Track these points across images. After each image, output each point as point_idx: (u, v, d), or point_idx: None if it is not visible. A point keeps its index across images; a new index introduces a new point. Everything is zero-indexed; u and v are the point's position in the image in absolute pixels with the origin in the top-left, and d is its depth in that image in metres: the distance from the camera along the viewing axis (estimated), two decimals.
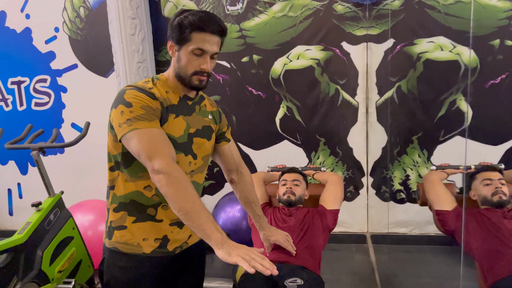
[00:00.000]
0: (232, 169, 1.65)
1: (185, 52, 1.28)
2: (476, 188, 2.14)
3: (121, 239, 1.32)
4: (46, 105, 3.61)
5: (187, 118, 1.35)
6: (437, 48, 2.97)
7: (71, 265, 2.52)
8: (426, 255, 3.13)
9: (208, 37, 1.26)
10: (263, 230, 1.76)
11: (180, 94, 1.36)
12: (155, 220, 1.33)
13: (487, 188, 2.06)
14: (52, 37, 3.48)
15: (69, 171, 3.56)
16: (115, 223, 1.33)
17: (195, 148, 1.38)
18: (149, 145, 1.18)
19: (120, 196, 1.32)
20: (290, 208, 2.12)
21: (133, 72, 3.00)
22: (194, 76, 1.30)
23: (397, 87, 3.08)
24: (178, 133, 1.31)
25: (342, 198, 2.22)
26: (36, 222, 2.29)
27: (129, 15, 2.93)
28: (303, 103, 3.22)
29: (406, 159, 3.18)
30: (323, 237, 2.01)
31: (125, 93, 1.26)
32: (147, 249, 1.32)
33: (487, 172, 2.14)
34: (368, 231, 3.35)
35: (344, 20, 3.05)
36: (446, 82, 3.02)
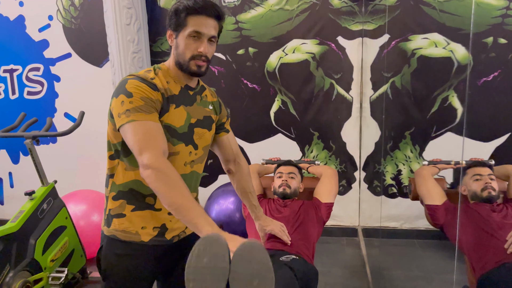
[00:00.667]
0: (230, 159, 1.66)
1: (182, 38, 1.28)
2: (466, 183, 2.17)
3: (119, 227, 1.32)
4: (38, 94, 3.58)
5: (188, 108, 1.35)
6: (432, 44, 3.00)
7: (63, 254, 2.52)
8: (416, 249, 3.18)
9: (204, 20, 1.27)
10: (258, 220, 1.78)
11: (182, 84, 1.36)
12: (154, 209, 1.33)
13: (477, 183, 2.10)
14: (46, 25, 3.44)
15: (61, 160, 3.54)
16: (114, 211, 1.34)
17: (196, 138, 1.38)
18: (142, 138, 1.18)
19: (119, 184, 1.33)
20: (285, 200, 2.14)
21: (128, 62, 2.98)
22: (192, 61, 1.29)
23: (391, 82, 3.11)
24: (179, 123, 1.32)
25: (336, 191, 2.25)
26: (29, 211, 2.28)
27: (124, 5, 2.90)
28: (297, 96, 3.23)
29: (399, 154, 3.22)
30: (317, 229, 2.04)
31: (126, 83, 1.25)
32: (145, 237, 1.32)
33: (477, 167, 2.18)
34: (360, 225, 3.39)
35: (340, 15, 3.07)
36: (439, 78, 3.06)
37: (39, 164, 2.46)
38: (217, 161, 1.62)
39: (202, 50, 1.28)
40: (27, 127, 2.48)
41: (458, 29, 2.98)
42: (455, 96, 3.08)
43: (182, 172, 1.34)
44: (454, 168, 2.45)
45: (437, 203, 2.08)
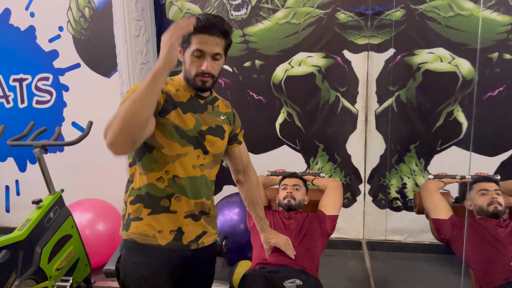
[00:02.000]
0: (240, 170, 1.69)
1: (188, 55, 1.34)
2: (472, 198, 2.17)
3: (137, 230, 1.36)
4: (47, 103, 3.62)
5: (197, 115, 1.39)
6: (437, 59, 3.02)
7: (68, 263, 2.53)
8: (420, 263, 3.16)
9: (206, 39, 1.31)
10: (264, 232, 1.80)
11: (192, 92, 1.40)
12: (169, 211, 1.36)
13: (483, 198, 2.09)
14: (56, 36, 3.49)
15: (68, 169, 3.57)
16: (132, 214, 1.37)
17: (208, 144, 1.41)
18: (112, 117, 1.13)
19: (136, 189, 1.37)
20: (290, 212, 2.15)
21: (136, 73, 3.02)
22: (197, 78, 1.34)
23: (397, 96, 3.12)
24: (188, 127, 1.35)
25: (341, 204, 2.25)
26: (36, 219, 2.30)
27: (134, 17, 2.95)
28: (303, 109, 3.26)
29: (404, 167, 3.22)
30: (321, 241, 2.04)
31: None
32: (162, 241, 1.35)
33: (483, 182, 2.18)
34: (364, 238, 3.38)
35: (346, 29, 3.10)
36: (445, 93, 3.07)
37: (47, 172, 2.49)
38: (221, 172, 1.63)
39: (204, 68, 1.32)
40: (36, 136, 2.52)
41: (463, 44, 3.00)
42: (460, 111, 3.09)
43: (192, 174, 1.37)
44: (460, 183, 2.45)
45: (443, 217, 2.08)
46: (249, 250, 2.92)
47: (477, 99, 3.06)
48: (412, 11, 2.99)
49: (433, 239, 3.23)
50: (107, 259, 3.10)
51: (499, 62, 3.00)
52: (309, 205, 2.32)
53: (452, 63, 3.02)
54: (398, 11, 3.03)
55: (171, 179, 1.34)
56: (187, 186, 1.36)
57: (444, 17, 2.97)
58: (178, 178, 1.34)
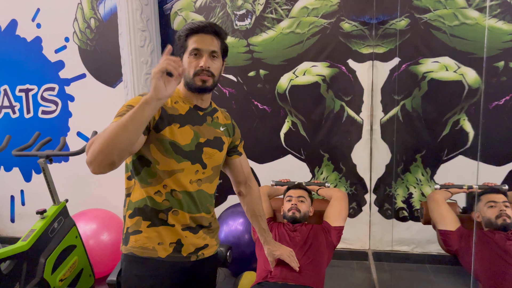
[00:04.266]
0: (241, 182, 1.67)
1: (185, 58, 1.36)
2: (481, 210, 2.14)
3: (136, 243, 1.35)
4: (53, 113, 3.64)
5: (196, 127, 1.39)
6: (442, 68, 3.01)
7: (72, 274, 2.52)
8: (428, 274, 3.11)
9: (202, 37, 1.34)
10: (268, 244, 1.77)
11: (191, 104, 1.40)
12: (167, 224, 1.36)
13: (491, 211, 2.06)
14: (62, 46, 3.52)
15: (72, 179, 3.57)
16: (131, 228, 1.37)
17: (205, 157, 1.40)
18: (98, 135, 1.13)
19: (135, 202, 1.37)
20: (295, 224, 2.13)
21: (141, 83, 3.03)
22: (196, 77, 1.35)
23: (402, 105, 3.11)
24: (185, 142, 1.35)
25: (346, 215, 2.23)
26: (40, 230, 2.30)
27: (139, 28, 2.97)
28: (308, 118, 3.24)
29: (409, 177, 3.19)
30: (327, 253, 2.01)
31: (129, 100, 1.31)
32: (162, 253, 1.34)
33: (491, 194, 2.15)
34: (370, 248, 3.34)
35: (350, 38, 3.10)
36: (450, 102, 3.05)
37: (51, 183, 2.49)
38: (226, 182, 1.63)
39: (202, 64, 1.33)
40: (41, 146, 2.52)
41: (468, 53, 2.98)
42: (466, 120, 3.06)
43: (189, 189, 1.37)
44: (467, 193, 2.41)
45: (450, 228, 2.05)
46: (253, 261, 2.89)
47: (483, 108, 3.04)
48: (416, 20, 2.98)
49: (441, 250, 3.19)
50: (111, 270, 3.10)
51: (505, 70, 2.98)
52: (315, 215, 2.30)
53: (458, 72, 3.00)
54: (402, 20, 3.02)
55: (169, 193, 1.34)
56: (184, 201, 1.36)
57: (449, 26, 2.96)
58: (175, 192, 1.34)
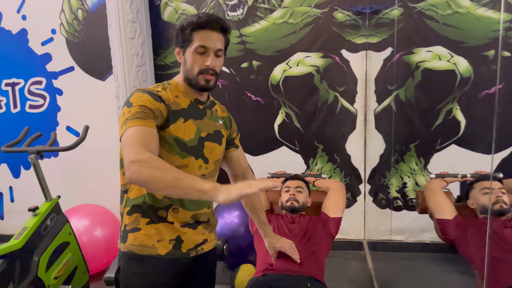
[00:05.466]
0: (239, 175, 1.65)
1: (189, 53, 1.30)
2: (475, 197, 2.16)
3: (135, 241, 1.31)
4: (40, 108, 3.56)
5: (197, 122, 1.35)
6: (435, 57, 3.01)
7: (66, 271, 2.48)
8: (422, 263, 3.14)
9: (209, 34, 1.28)
10: (268, 237, 1.76)
11: (191, 98, 1.36)
12: (167, 221, 1.33)
13: (486, 197, 2.08)
14: (49, 39, 3.43)
15: (63, 175, 3.50)
16: (129, 225, 1.33)
17: (207, 152, 1.37)
18: (130, 140, 1.14)
19: (133, 199, 1.33)
20: (293, 216, 2.12)
21: (132, 75, 2.97)
22: (200, 76, 1.30)
23: (396, 95, 3.11)
24: (189, 137, 1.31)
25: (344, 205, 2.23)
26: (33, 227, 2.25)
27: (129, 19, 2.90)
28: (302, 109, 3.22)
29: (403, 166, 3.20)
30: (326, 244, 2.02)
31: (131, 96, 1.27)
32: (161, 251, 1.31)
33: (486, 181, 2.17)
34: (365, 238, 3.36)
35: (344, 28, 3.07)
36: (443, 91, 3.06)
37: (43, 179, 2.43)
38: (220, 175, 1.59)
39: (209, 63, 1.29)
40: (31, 142, 2.46)
41: (460, 42, 2.99)
42: (458, 109, 3.08)
43: None
44: (463, 181, 2.43)
45: (448, 217, 2.06)
46: (250, 253, 2.89)
47: (474, 97, 3.05)
48: (410, 9, 2.97)
49: (434, 238, 3.24)
50: (105, 266, 3.08)
51: (495, 59, 2.99)
52: (312, 206, 2.29)
53: (451, 61, 3.01)
54: (395, 10, 3.01)
55: None
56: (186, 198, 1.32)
57: (442, 15, 2.95)
58: None
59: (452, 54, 3.00)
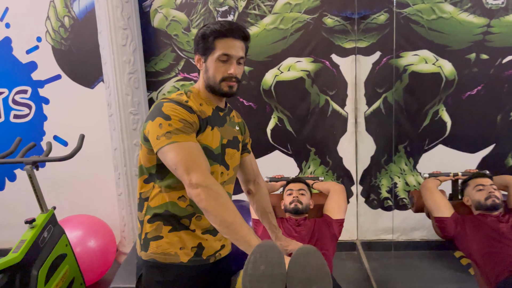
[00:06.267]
0: (250, 180, 1.67)
1: (211, 61, 1.31)
2: (469, 194, 2.24)
3: (158, 250, 1.31)
4: (26, 117, 3.46)
5: (220, 129, 1.37)
6: (422, 61, 3.11)
7: (64, 283, 2.43)
8: (414, 260, 3.23)
9: (232, 42, 1.30)
10: (279, 240, 1.77)
11: (213, 105, 1.37)
12: (189, 229, 1.33)
13: (480, 193, 2.16)
14: (34, 47, 3.35)
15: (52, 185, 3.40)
16: (150, 234, 1.33)
17: (228, 158, 1.39)
18: (187, 158, 1.19)
19: (154, 207, 1.32)
20: (298, 219, 2.14)
21: (124, 83, 2.94)
22: (223, 83, 1.32)
23: (384, 98, 3.19)
24: (215, 145, 1.32)
25: (346, 207, 2.27)
26: (31, 240, 2.19)
27: (120, 26, 2.88)
28: (293, 113, 3.27)
29: (393, 167, 3.29)
30: (332, 245, 2.05)
31: (162, 106, 1.26)
32: (184, 258, 1.32)
33: (479, 178, 2.26)
34: (358, 239, 3.42)
35: (333, 33, 3.14)
36: (430, 93, 3.17)
37: (38, 190, 2.37)
38: None
39: (232, 71, 1.30)
40: (26, 152, 2.40)
41: (445, 46, 3.10)
42: (444, 110, 3.19)
43: None
44: (455, 180, 2.52)
45: (446, 215, 2.13)
46: None
47: (457, 98, 3.17)
48: (396, 14, 3.07)
49: (424, 236, 3.35)
50: (100, 277, 3.02)
51: (476, 62, 3.12)
52: (314, 209, 2.32)
53: (436, 64, 3.12)
54: (382, 15, 3.10)
55: None
56: None
57: (427, 20, 3.06)
58: None
59: (437, 58, 3.11)
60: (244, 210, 2.77)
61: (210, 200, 1.15)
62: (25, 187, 2.50)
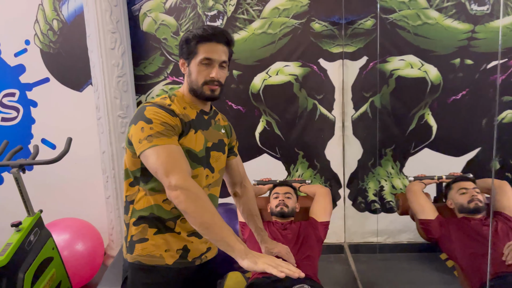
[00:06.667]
0: (237, 182, 1.69)
1: (194, 65, 1.33)
2: (453, 197, 2.28)
3: (143, 252, 1.32)
4: (13, 120, 3.44)
5: (204, 132, 1.38)
6: (408, 65, 3.17)
7: (51, 287, 2.41)
8: (401, 263, 3.26)
9: (214, 47, 1.32)
10: (265, 243, 1.79)
11: (197, 109, 1.39)
12: (174, 231, 1.35)
13: (463, 197, 2.20)
14: (22, 50, 3.34)
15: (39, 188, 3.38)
16: (136, 236, 1.34)
17: (213, 161, 1.41)
18: (167, 161, 1.20)
19: (140, 210, 1.34)
20: (284, 222, 2.17)
21: (113, 86, 2.94)
22: (205, 86, 1.34)
23: (371, 102, 3.24)
24: (199, 148, 1.34)
25: (331, 209, 2.30)
26: (17, 243, 2.19)
27: (109, 29, 2.88)
28: (282, 117, 3.30)
29: (380, 170, 3.33)
30: (317, 248, 2.07)
31: (145, 110, 1.27)
32: (169, 260, 1.33)
33: (462, 182, 2.30)
34: (346, 241, 3.45)
35: (321, 38, 3.18)
36: (416, 97, 3.22)
37: (25, 193, 2.37)
38: None
39: (214, 75, 1.32)
40: (12, 155, 2.39)
41: (430, 51, 3.16)
42: (430, 114, 3.25)
43: None
44: (440, 183, 2.56)
45: (430, 217, 2.17)
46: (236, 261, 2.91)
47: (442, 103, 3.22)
48: (383, 20, 3.12)
49: (411, 239, 3.38)
50: (87, 281, 3.01)
51: (461, 67, 3.18)
52: (300, 212, 2.35)
53: (422, 69, 3.17)
54: (369, 20, 3.15)
55: None
56: None
57: (412, 25, 3.12)
58: None
59: (423, 63, 3.17)
60: (233, 213, 2.79)
61: (189, 202, 1.16)
62: (12, 190, 2.49)
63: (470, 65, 3.18)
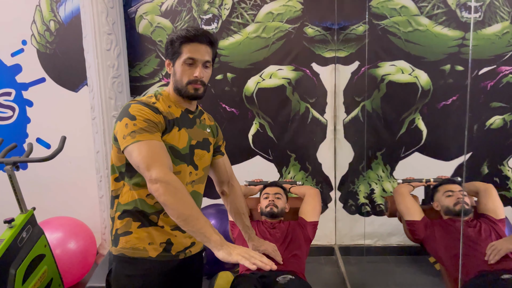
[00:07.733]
0: (224, 181, 1.72)
1: (178, 65, 1.38)
2: (439, 199, 2.33)
3: (127, 244, 1.36)
4: (9, 119, 3.47)
5: (189, 130, 1.43)
6: (399, 71, 3.22)
7: (42, 284, 2.44)
8: (390, 265, 3.31)
9: (197, 47, 1.37)
10: (252, 241, 1.83)
11: (182, 108, 1.44)
12: (157, 225, 1.38)
13: (449, 199, 2.25)
14: (19, 50, 3.37)
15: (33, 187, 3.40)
16: (120, 230, 1.38)
17: (197, 159, 1.45)
18: (148, 155, 1.25)
19: (124, 204, 1.38)
20: (273, 221, 2.21)
21: (108, 87, 2.98)
22: (189, 86, 1.38)
23: (362, 106, 3.29)
24: (182, 145, 1.38)
25: (320, 210, 2.34)
26: (9, 240, 2.21)
27: (105, 31, 2.93)
28: (275, 120, 3.34)
29: (371, 174, 3.38)
30: (305, 247, 2.11)
31: (130, 107, 1.32)
32: (152, 253, 1.36)
33: (448, 184, 2.35)
34: (336, 243, 3.49)
35: (314, 43, 3.24)
36: (406, 102, 3.27)
37: (18, 191, 2.39)
38: None
39: (197, 74, 1.37)
40: (6, 153, 2.42)
41: (421, 57, 3.22)
42: (420, 119, 3.30)
43: None
44: (428, 185, 2.61)
45: (416, 219, 2.21)
46: None
47: (433, 108, 3.28)
48: (375, 26, 3.18)
49: (400, 242, 3.43)
50: (79, 279, 3.03)
51: (451, 73, 3.24)
52: (290, 212, 2.39)
53: (412, 74, 3.23)
54: (361, 26, 3.20)
55: None
56: None
57: (403, 32, 3.18)
58: None
59: (414, 68, 3.23)
60: (225, 214, 2.83)
61: (168, 194, 1.20)
62: (5, 188, 2.52)
63: (461, 72, 3.23)
